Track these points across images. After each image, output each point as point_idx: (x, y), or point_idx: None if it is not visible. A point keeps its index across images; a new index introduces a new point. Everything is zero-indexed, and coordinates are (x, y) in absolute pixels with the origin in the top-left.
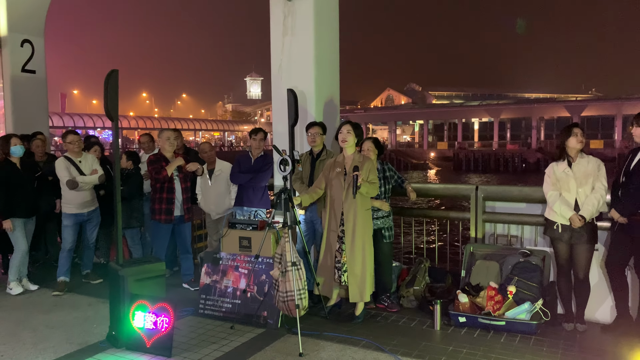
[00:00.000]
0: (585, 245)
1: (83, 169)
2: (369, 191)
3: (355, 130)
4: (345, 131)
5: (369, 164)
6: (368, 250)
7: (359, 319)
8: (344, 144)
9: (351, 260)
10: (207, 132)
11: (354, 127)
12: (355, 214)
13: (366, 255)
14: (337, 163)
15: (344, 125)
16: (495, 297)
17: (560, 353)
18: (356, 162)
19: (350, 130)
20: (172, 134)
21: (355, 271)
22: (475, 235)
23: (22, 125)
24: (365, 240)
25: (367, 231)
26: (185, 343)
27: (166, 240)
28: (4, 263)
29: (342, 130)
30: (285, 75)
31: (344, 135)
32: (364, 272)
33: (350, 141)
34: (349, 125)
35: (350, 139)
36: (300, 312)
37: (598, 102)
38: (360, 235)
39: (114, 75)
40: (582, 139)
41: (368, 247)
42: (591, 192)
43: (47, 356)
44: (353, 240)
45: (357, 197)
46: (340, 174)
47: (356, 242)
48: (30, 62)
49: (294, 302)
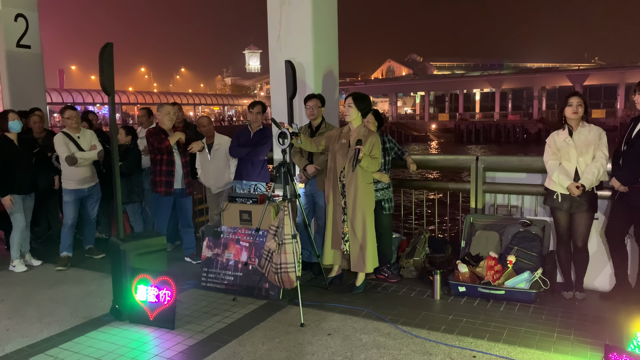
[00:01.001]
0: (585, 214)
1: (82, 145)
2: (370, 166)
3: (358, 103)
4: (347, 104)
5: (373, 139)
6: (369, 222)
7: (359, 289)
8: (346, 117)
9: (352, 231)
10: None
11: (356, 100)
12: (356, 187)
13: (367, 227)
14: (343, 135)
15: (347, 99)
16: (494, 266)
17: (559, 321)
18: (360, 136)
19: (351, 103)
20: (171, 109)
21: (357, 242)
22: (475, 205)
23: (20, 102)
24: (366, 212)
25: (368, 204)
26: (188, 315)
27: (167, 214)
28: (6, 241)
29: (345, 105)
30: (283, 46)
31: (345, 109)
32: (364, 243)
33: (352, 114)
34: (350, 99)
35: (352, 112)
36: (293, 284)
37: (600, 70)
38: (360, 208)
39: (109, 49)
40: (578, 109)
41: (369, 220)
42: (592, 161)
43: (52, 330)
44: (354, 212)
45: (358, 171)
46: (344, 146)
47: (357, 214)
48: (25, 37)
49: (287, 274)
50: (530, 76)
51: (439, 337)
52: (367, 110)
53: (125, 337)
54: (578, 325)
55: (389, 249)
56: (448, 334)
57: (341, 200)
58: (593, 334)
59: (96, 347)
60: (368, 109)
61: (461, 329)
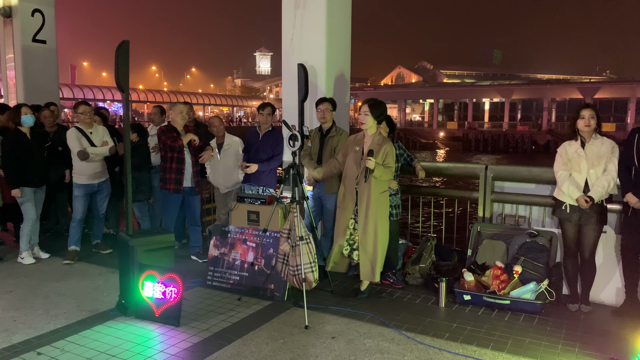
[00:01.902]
0: (594, 226)
1: (94, 140)
2: (383, 175)
3: (373, 111)
4: (363, 113)
5: (387, 147)
6: (381, 231)
7: (364, 294)
8: (362, 126)
9: (363, 240)
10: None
11: (372, 107)
12: (369, 196)
13: (378, 236)
14: (357, 141)
15: (362, 107)
16: (500, 276)
17: (564, 333)
18: (374, 145)
19: (367, 111)
20: (185, 108)
21: (367, 250)
22: (483, 214)
23: (33, 96)
24: (379, 222)
25: (381, 213)
26: (193, 313)
27: (175, 212)
28: (15, 232)
29: (360, 112)
30: (296, 49)
31: (361, 117)
32: (375, 252)
33: (368, 123)
34: (366, 106)
35: (369, 120)
36: (312, 284)
37: (612, 84)
38: (373, 216)
39: (125, 46)
40: (590, 122)
41: (381, 229)
42: (603, 174)
43: (58, 322)
44: (366, 221)
45: (371, 180)
46: (357, 153)
47: (369, 223)
48: (41, 32)
49: (306, 274)
50: (540, 87)
51: (442, 344)
52: (382, 118)
53: (131, 332)
54: (583, 337)
55: (395, 254)
56: (452, 342)
57: (352, 207)
58: (598, 347)
59: (102, 340)
60: (384, 116)
61: (465, 337)
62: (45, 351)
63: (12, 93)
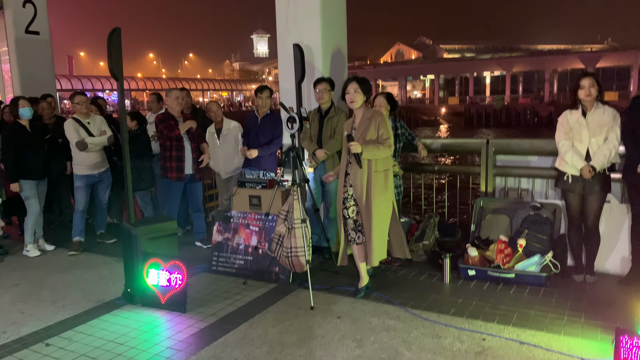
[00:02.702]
0: (597, 196)
1: (92, 130)
2: (378, 153)
3: (363, 87)
4: (353, 91)
5: (377, 119)
6: (381, 213)
7: (368, 273)
8: (353, 104)
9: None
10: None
11: (361, 84)
12: (362, 178)
13: (378, 218)
14: (346, 124)
15: (350, 84)
16: (505, 250)
17: (569, 304)
18: (364, 120)
19: (357, 89)
20: (180, 94)
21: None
22: (485, 189)
23: (30, 88)
24: (377, 203)
25: (378, 193)
26: (199, 299)
27: (178, 199)
28: (20, 226)
29: (349, 90)
30: (291, 29)
31: (351, 95)
32: (370, 236)
33: (359, 101)
34: (355, 84)
35: (359, 98)
36: (303, 268)
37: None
38: (373, 198)
39: (117, 34)
40: (590, 91)
41: (381, 211)
42: (604, 142)
43: (65, 313)
44: (365, 203)
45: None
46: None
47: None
48: (34, 23)
49: (297, 258)
50: (541, 58)
51: (448, 320)
52: (369, 93)
53: (138, 320)
54: (588, 308)
55: None
56: (458, 317)
57: (344, 191)
58: (604, 317)
59: (109, 329)
60: (370, 92)
61: (471, 312)
62: (54, 342)
63: (8, 86)
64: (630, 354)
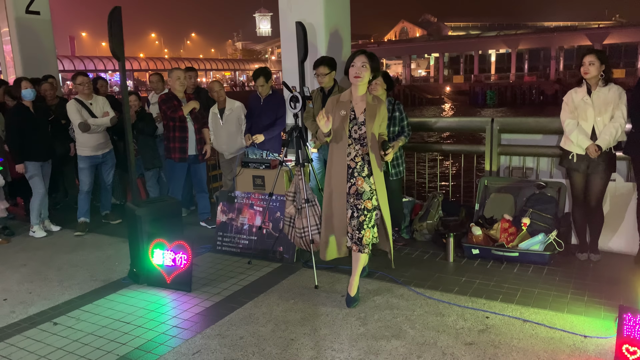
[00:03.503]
0: (602, 174)
1: (94, 111)
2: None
3: (372, 63)
4: (360, 64)
5: (381, 109)
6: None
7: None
8: (357, 80)
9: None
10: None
11: (370, 59)
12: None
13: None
14: (341, 104)
15: (357, 57)
16: (509, 229)
17: (573, 282)
18: (371, 108)
19: (365, 63)
20: (182, 74)
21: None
22: (490, 168)
23: (32, 69)
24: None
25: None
26: (204, 278)
27: (182, 180)
28: (26, 207)
29: (355, 63)
30: (294, 7)
31: (357, 69)
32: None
33: (365, 78)
34: (364, 57)
35: (366, 74)
36: (317, 246)
37: (621, 28)
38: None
39: (117, 13)
40: (589, 69)
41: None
42: (610, 121)
43: (72, 292)
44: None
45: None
46: (345, 119)
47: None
48: (34, 3)
49: (309, 237)
50: (547, 35)
51: (452, 298)
52: (378, 72)
53: (144, 299)
54: (592, 286)
55: (400, 212)
56: (461, 296)
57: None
58: (607, 295)
59: (116, 309)
60: (378, 71)
61: (474, 291)
62: (61, 321)
63: (10, 67)
64: (633, 332)
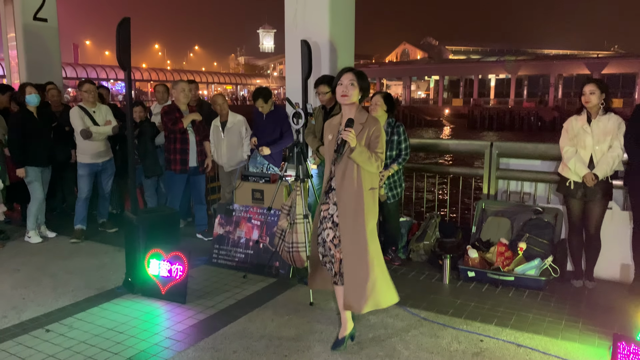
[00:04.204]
0: (599, 203)
1: (97, 119)
2: (366, 162)
3: (360, 81)
4: (347, 82)
5: (371, 127)
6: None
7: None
8: (345, 99)
9: (347, 254)
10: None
11: (359, 77)
12: (350, 196)
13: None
14: (331, 127)
15: (344, 74)
16: (505, 253)
17: (568, 308)
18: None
19: (353, 80)
20: (186, 86)
21: (355, 272)
22: (487, 191)
23: (36, 75)
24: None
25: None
26: (199, 290)
27: (180, 191)
28: (22, 212)
29: (342, 81)
30: (299, 25)
31: (344, 87)
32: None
33: (353, 97)
34: (351, 74)
35: (354, 93)
36: (303, 264)
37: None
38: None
39: (126, 23)
40: (590, 99)
41: (374, 240)
42: (608, 150)
43: (66, 300)
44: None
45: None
46: (331, 143)
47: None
48: (42, 10)
49: (299, 253)
50: (547, 63)
51: (446, 320)
52: (367, 92)
53: (138, 309)
54: (587, 313)
55: (397, 232)
56: (456, 318)
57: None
58: (601, 323)
59: (109, 318)
60: (368, 91)
61: (469, 313)
62: (54, 328)
63: (14, 72)
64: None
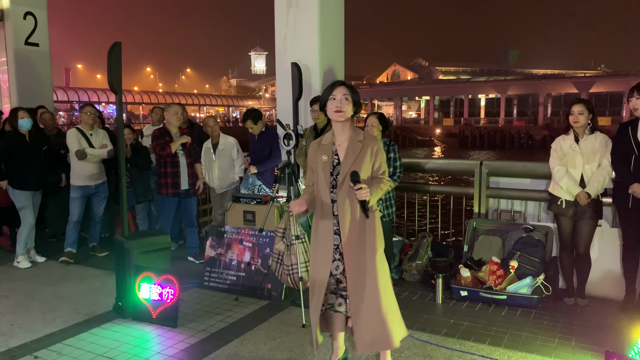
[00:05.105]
0: (590, 221)
1: (93, 143)
2: (380, 194)
3: (353, 95)
4: (341, 96)
5: (373, 146)
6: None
7: None
8: (339, 115)
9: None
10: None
11: (352, 91)
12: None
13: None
14: (323, 148)
15: (337, 88)
16: (497, 271)
17: (560, 326)
18: (353, 143)
19: (347, 95)
20: (180, 109)
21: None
22: (478, 210)
23: (27, 99)
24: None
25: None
26: (190, 314)
27: (172, 214)
28: (11, 237)
29: (336, 95)
30: (289, 48)
31: (338, 102)
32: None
33: (347, 112)
34: (344, 88)
35: (348, 109)
36: (307, 284)
37: (607, 78)
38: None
39: (117, 48)
40: (579, 118)
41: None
42: (597, 168)
43: (55, 326)
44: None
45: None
46: (327, 165)
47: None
48: (33, 35)
49: (298, 275)
50: (536, 82)
51: (440, 340)
52: (360, 107)
53: (128, 334)
54: (579, 331)
55: (390, 252)
56: (449, 338)
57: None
58: (594, 340)
59: (99, 343)
60: (361, 104)
61: (462, 333)
62: (43, 355)
63: (5, 97)
64: None
